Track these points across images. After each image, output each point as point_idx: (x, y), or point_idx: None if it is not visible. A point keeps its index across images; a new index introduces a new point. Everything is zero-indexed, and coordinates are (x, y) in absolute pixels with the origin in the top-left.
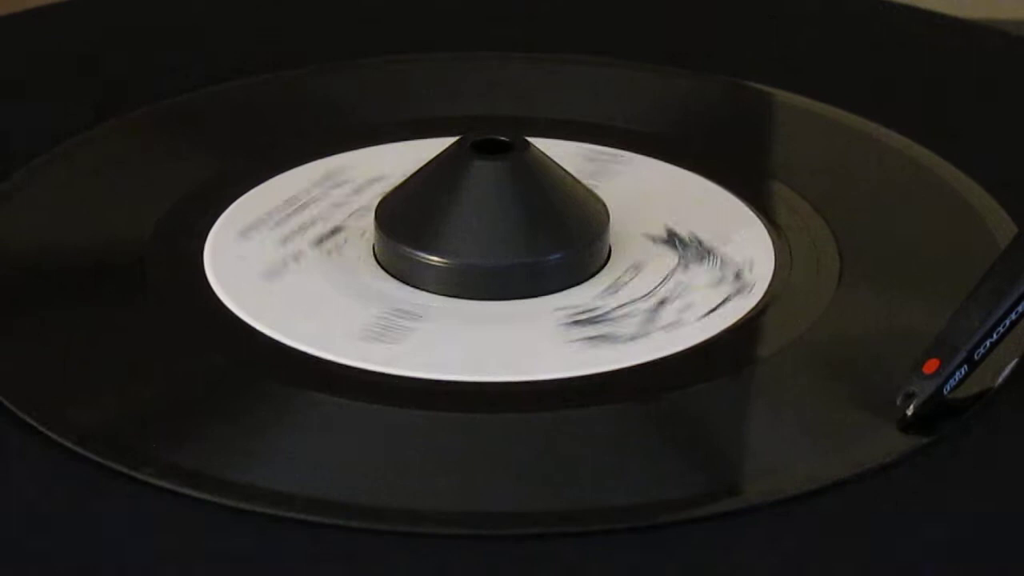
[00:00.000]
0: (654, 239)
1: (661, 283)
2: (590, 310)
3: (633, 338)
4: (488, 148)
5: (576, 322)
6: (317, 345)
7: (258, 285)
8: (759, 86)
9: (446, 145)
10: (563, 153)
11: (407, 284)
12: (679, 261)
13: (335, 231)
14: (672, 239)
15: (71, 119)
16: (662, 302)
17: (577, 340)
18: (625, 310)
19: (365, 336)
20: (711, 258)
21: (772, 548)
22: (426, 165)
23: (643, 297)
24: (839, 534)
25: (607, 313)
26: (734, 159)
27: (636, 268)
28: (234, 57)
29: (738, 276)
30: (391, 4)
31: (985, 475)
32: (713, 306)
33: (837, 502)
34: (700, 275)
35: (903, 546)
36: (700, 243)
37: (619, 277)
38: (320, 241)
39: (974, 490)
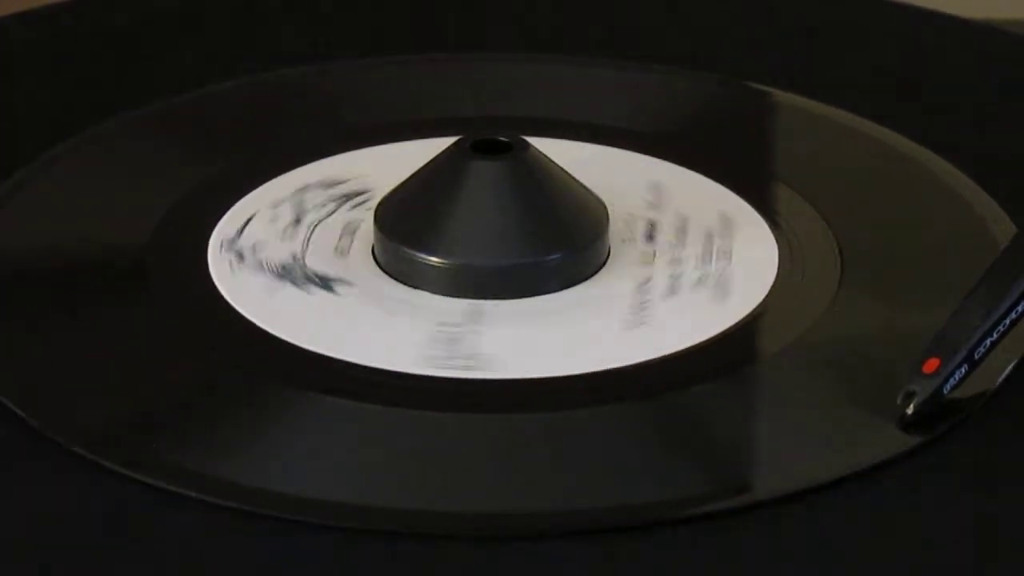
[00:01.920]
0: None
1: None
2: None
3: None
4: (488, 148)
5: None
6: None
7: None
8: (759, 86)
9: (446, 145)
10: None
11: (407, 284)
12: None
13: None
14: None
15: (71, 119)
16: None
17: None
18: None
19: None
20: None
21: (772, 548)
22: (426, 165)
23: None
24: (839, 534)
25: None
26: (734, 159)
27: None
28: (234, 57)
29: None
30: (391, 4)
31: (985, 475)
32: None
33: (837, 502)
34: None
35: (903, 546)
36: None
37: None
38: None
39: (974, 490)
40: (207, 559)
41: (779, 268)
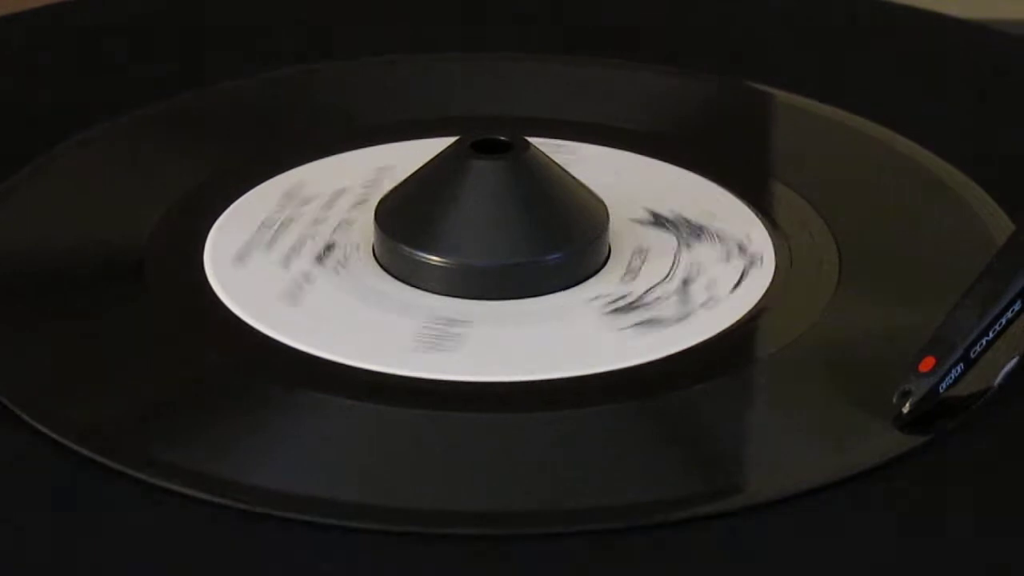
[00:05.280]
0: (653, 237)
1: (673, 265)
2: (622, 296)
3: (680, 319)
4: (488, 148)
5: (617, 310)
6: (317, 345)
7: (257, 285)
8: (759, 86)
9: (446, 145)
10: (563, 153)
11: (407, 284)
12: (679, 257)
13: (335, 229)
14: (672, 237)
15: (70, 119)
16: (685, 282)
17: (628, 327)
18: (656, 293)
19: (366, 336)
20: (711, 253)
21: (772, 548)
22: (426, 165)
23: (665, 279)
24: (839, 534)
25: (640, 298)
26: (734, 159)
27: (641, 257)
28: (234, 57)
29: (742, 249)
30: (391, 4)
31: (985, 475)
32: (735, 281)
33: (837, 502)
34: (708, 253)
35: (902, 546)
36: (700, 241)
37: (629, 265)
38: (321, 239)
39: (974, 490)
40: (206, 558)
41: (778, 268)
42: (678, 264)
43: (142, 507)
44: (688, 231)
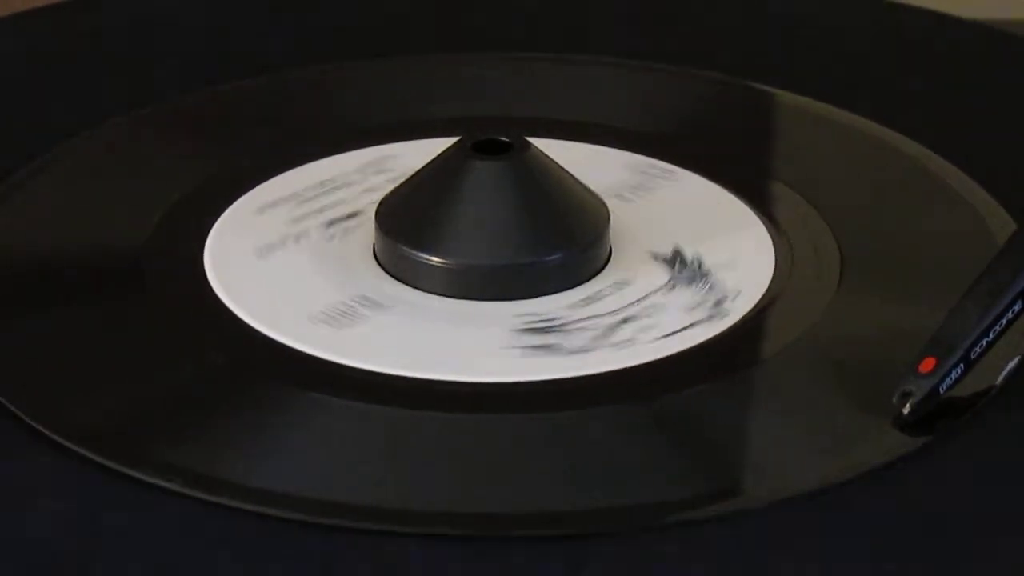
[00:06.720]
0: (650, 253)
1: (637, 301)
2: (552, 319)
3: (577, 351)
4: (488, 148)
5: (530, 330)
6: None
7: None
8: (759, 86)
9: (446, 145)
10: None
11: (406, 284)
12: (667, 280)
13: (334, 230)
14: (672, 237)
15: (72, 119)
16: (625, 320)
17: (519, 347)
18: (586, 323)
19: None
20: (701, 278)
21: (772, 548)
22: (426, 165)
23: (610, 313)
24: (839, 534)
25: (565, 324)
26: (734, 159)
27: (640, 264)
28: (234, 57)
29: (718, 303)
30: (391, 4)
31: (985, 475)
32: (673, 329)
33: (837, 502)
34: (681, 297)
35: (902, 546)
36: (695, 259)
37: (600, 289)
38: (320, 240)
39: (974, 490)
40: (204, 559)
41: (778, 268)
42: (676, 266)
43: (141, 507)
44: (688, 233)
